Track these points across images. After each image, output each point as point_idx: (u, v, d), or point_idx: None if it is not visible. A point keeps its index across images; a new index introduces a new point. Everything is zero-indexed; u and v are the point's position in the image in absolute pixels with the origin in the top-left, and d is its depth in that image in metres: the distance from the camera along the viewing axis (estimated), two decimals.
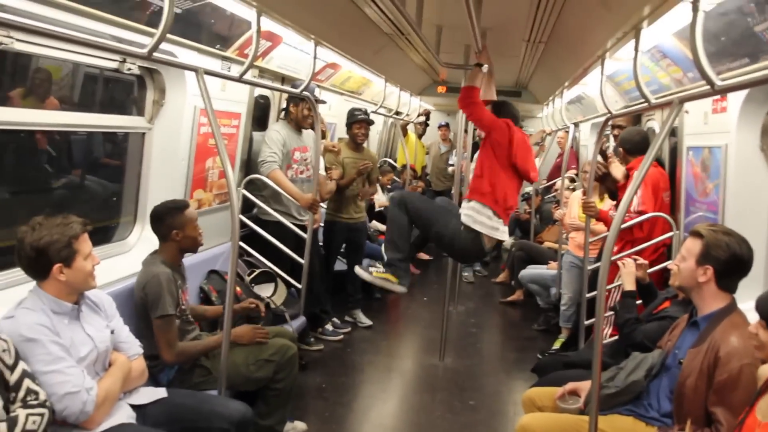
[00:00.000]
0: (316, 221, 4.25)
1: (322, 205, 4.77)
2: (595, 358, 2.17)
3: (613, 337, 3.34)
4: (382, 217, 6.38)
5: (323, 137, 5.07)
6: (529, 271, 5.57)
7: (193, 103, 3.27)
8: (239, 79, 2.85)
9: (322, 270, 4.61)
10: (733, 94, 2.83)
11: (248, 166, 4.37)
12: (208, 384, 2.72)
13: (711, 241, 2.16)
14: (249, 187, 4.06)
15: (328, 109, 6.00)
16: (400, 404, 3.88)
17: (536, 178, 3.57)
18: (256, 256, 3.98)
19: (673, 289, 2.62)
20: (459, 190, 4.70)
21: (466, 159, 5.55)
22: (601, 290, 2.22)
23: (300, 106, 4.15)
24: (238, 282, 3.61)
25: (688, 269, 2.20)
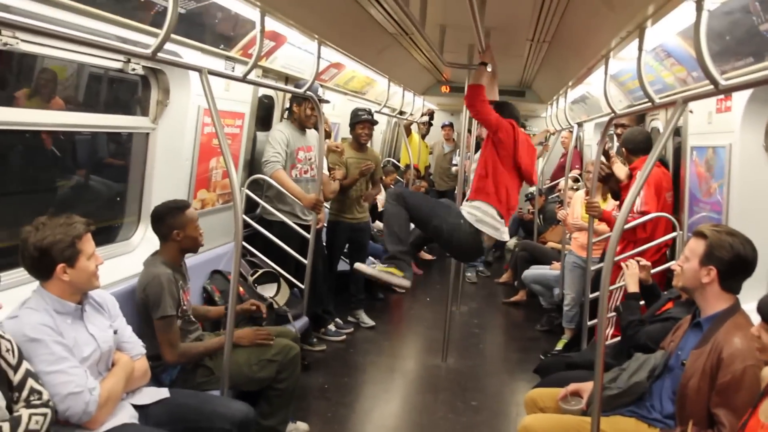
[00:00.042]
0: (320, 221, 4.25)
1: (326, 205, 4.77)
2: (597, 359, 2.17)
3: (616, 338, 3.33)
4: None
5: (328, 137, 5.07)
6: (532, 272, 5.56)
7: (197, 103, 3.27)
8: (243, 79, 2.86)
9: (325, 270, 4.62)
10: (738, 94, 2.82)
11: (252, 166, 4.37)
12: (211, 384, 2.72)
13: (714, 242, 2.15)
14: (252, 187, 4.06)
15: (332, 109, 6.00)
16: (402, 405, 3.88)
17: (536, 181, 3.57)
18: (259, 256, 3.98)
19: (676, 290, 2.62)
20: (462, 190, 4.70)
21: (470, 159, 5.54)
22: (604, 291, 2.22)
23: (303, 106, 4.15)
24: (241, 282, 3.62)
25: (692, 270, 2.19)
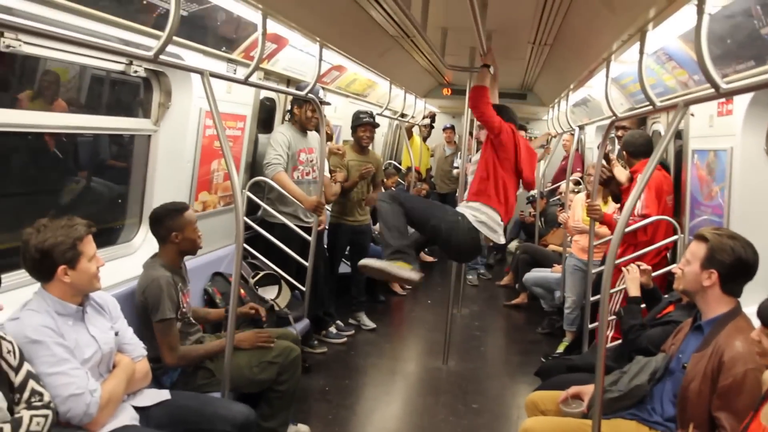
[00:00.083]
0: (322, 223, 4.25)
1: (327, 207, 4.77)
2: (598, 361, 2.17)
3: (616, 341, 3.33)
4: None
5: (329, 139, 5.08)
6: (533, 275, 5.56)
7: (199, 105, 3.28)
8: (245, 82, 2.86)
9: (326, 272, 4.62)
10: (739, 97, 2.82)
11: (253, 169, 4.38)
12: (212, 386, 2.72)
13: (716, 245, 2.14)
14: (254, 189, 4.07)
15: (334, 111, 6.01)
16: (403, 407, 3.87)
17: (535, 186, 3.58)
18: (260, 259, 3.99)
19: (678, 293, 2.62)
20: (464, 193, 4.69)
21: (469, 161, 5.54)
22: (605, 294, 2.22)
23: (304, 108, 4.16)
24: (243, 284, 3.62)
25: (693, 273, 2.19)
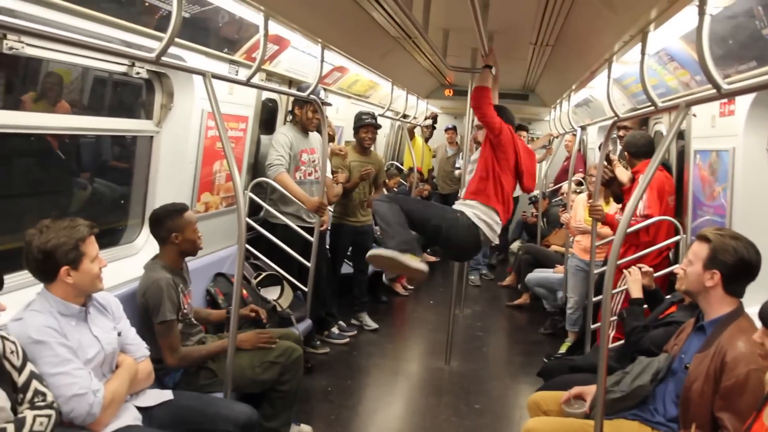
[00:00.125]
0: (324, 223, 4.26)
1: (330, 208, 4.78)
2: (600, 362, 2.17)
3: (619, 341, 3.32)
4: None
5: (332, 140, 5.08)
6: (535, 275, 5.56)
7: (201, 106, 3.29)
8: (246, 83, 2.86)
9: (328, 273, 4.62)
10: (741, 98, 2.82)
11: (256, 170, 4.38)
12: (214, 386, 2.73)
13: (718, 246, 2.14)
14: (256, 190, 4.07)
15: (336, 112, 6.01)
16: (405, 407, 3.87)
17: (533, 188, 3.60)
18: (262, 259, 3.99)
19: (680, 294, 2.62)
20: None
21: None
22: (607, 295, 2.21)
23: (305, 109, 4.17)
24: (245, 285, 3.62)
25: (695, 274, 2.19)
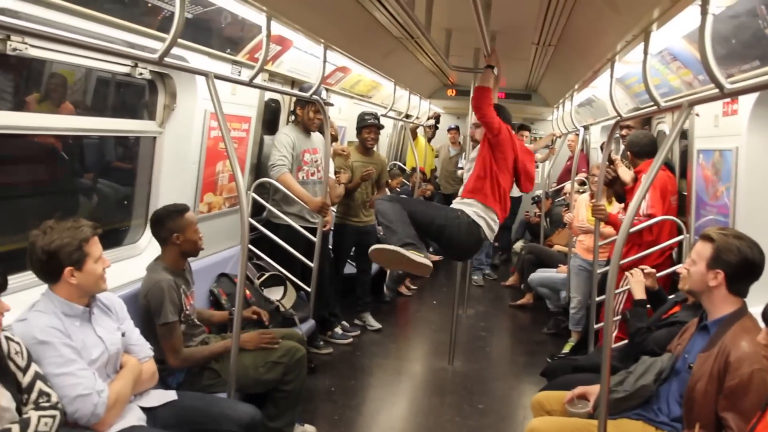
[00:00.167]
0: (328, 224, 4.26)
1: (333, 209, 4.78)
2: (604, 362, 2.16)
3: (622, 341, 3.32)
4: None
5: (334, 140, 5.08)
6: (538, 275, 5.55)
7: (204, 107, 3.29)
8: (249, 84, 2.87)
9: (331, 273, 4.63)
10: (744, 97, 2.81)
11: (259, 170, 4.39)
12: (217, 387, 2.73)
13: (722, 245, 2.14)
14: (259, 190, 4.07)
15: (338, 113, 6.02)
16: (409, 407, 3.87)
17: (531, 188, 3.62)
18: (265, 260, 3.99)
19: (683, 293, 2.61)
20: None
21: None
22: (610, 294, 2.21)
23: (306, 109, 4.17)
24: (248, 285, 3.63)
25: (699, 273, 2.18)
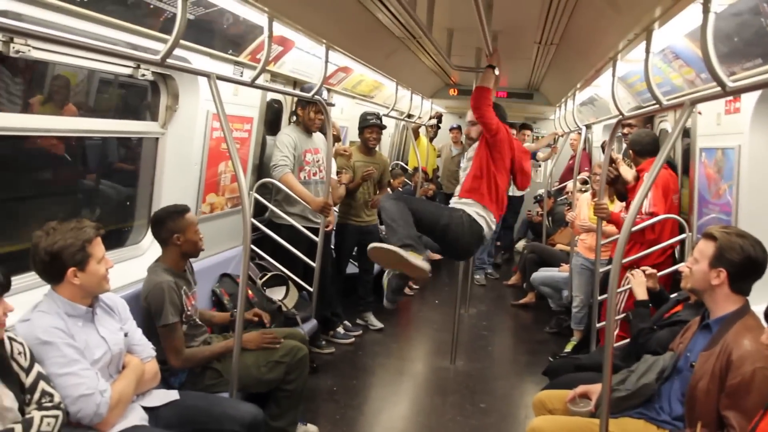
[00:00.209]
0: (330, 224, 4.26)
1: (335, 209, 4.78)
2: (605, 361, 2.16)
3: (623, 340, 3.32)
4: None
5: (337, 141, 5.09)
6: (540, 274, 5.55)
7: (206, 107, 3.30)
8: (251, 84, 2.87)
9: (333, 273, 4.63)
10: (747, 95, 2.81)
11: (261, 170, 4.39)
12: (219, 386, 2.74)
13: (724, 244, 2.13)
14: (261, 190, 4.08)
15: (340, 113, 6.02)
16: (411, 407, 3.88)
17: (527, 186, 3.64)
18: (268, 260, 4.00)
19: (685, 292, 2.61)
20: None
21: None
22: (612, 293, 2.21)
23: (307, 109, 4.18)
24: (250, 285, 3.63)
25: (701, 272, 2.18)
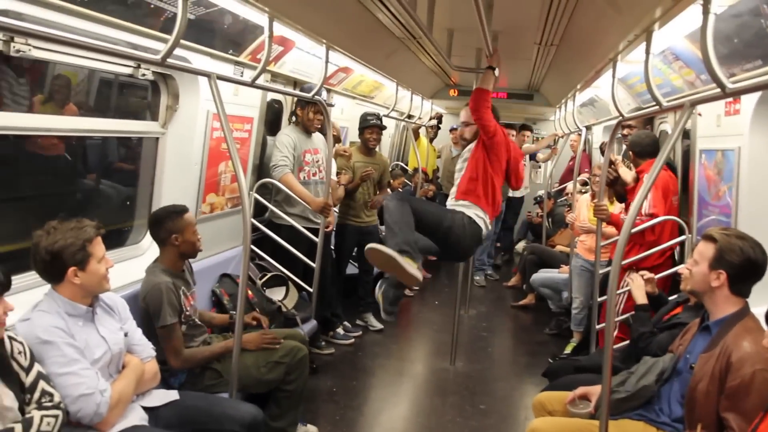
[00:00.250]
0: (330, 224, 4.26)
1: (335, 209, 4.78)
2: (605, 362, 2.16)
3: (623, 342, 3.32)
4: None
5: (337, 141, 5.08)
6: (540, 275, 5.55)
7: (206, 107, 3.30)
8: (251, 84, 2.87)
9: (333, 273, 4.63)
10: (747, 97, 2.80)
11: (261, 170, 4.40)
12: (219, 387, 2.74)
13: (724, 246, 2.13)
14: (262, 191, 4.08)
15: (341, 113, 6.02)
16: (410, 408, 3.88)
17: (521, 186, 3.68)
18: (267, 260, 4.00)
19: (685, 294, 2.61)
20: None
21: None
22: (612, 295, 2.21)
23: (306, 110, 4.18)
24: (250, 285, 3.63)
25: (701, 274, 2.18)
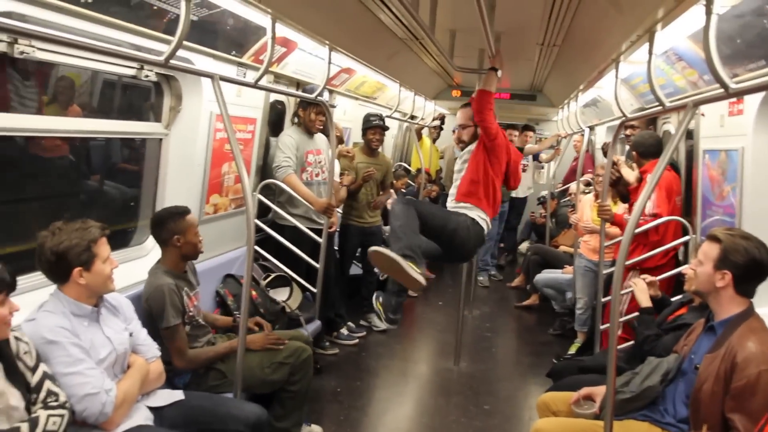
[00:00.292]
0: (333, 225, 4.26)
1: (338, 210, 4.78)
2: (609, 363, 2.16)
3: (627, 342, 3.31)
4: None
5: (340, 142, 5.09)
6: (544, 276, 5.55)
7: (209, 108, 3.31)
8: (254, 85, 2.88)
9: (337, 274, 4.63)
10: (750, 97, 2.80)
11: (264, 171, 4.40)
12: (224, 387, 2.74)
13: (729, 246, 2.13)
14: (265, 191, 4.09)
15: (343, 114, 6.02)
16: (414, 408, 3.88)
17: (517, 187, 3.70)
18: (271, 261, 4.00)
19: (689, 294, 2.60)
20: None
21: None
22: (615, 295, 2.20)
23: (308, 110, 4.19)
24: (254, 286, 3.63)
25: (706, 274, 2.18)
